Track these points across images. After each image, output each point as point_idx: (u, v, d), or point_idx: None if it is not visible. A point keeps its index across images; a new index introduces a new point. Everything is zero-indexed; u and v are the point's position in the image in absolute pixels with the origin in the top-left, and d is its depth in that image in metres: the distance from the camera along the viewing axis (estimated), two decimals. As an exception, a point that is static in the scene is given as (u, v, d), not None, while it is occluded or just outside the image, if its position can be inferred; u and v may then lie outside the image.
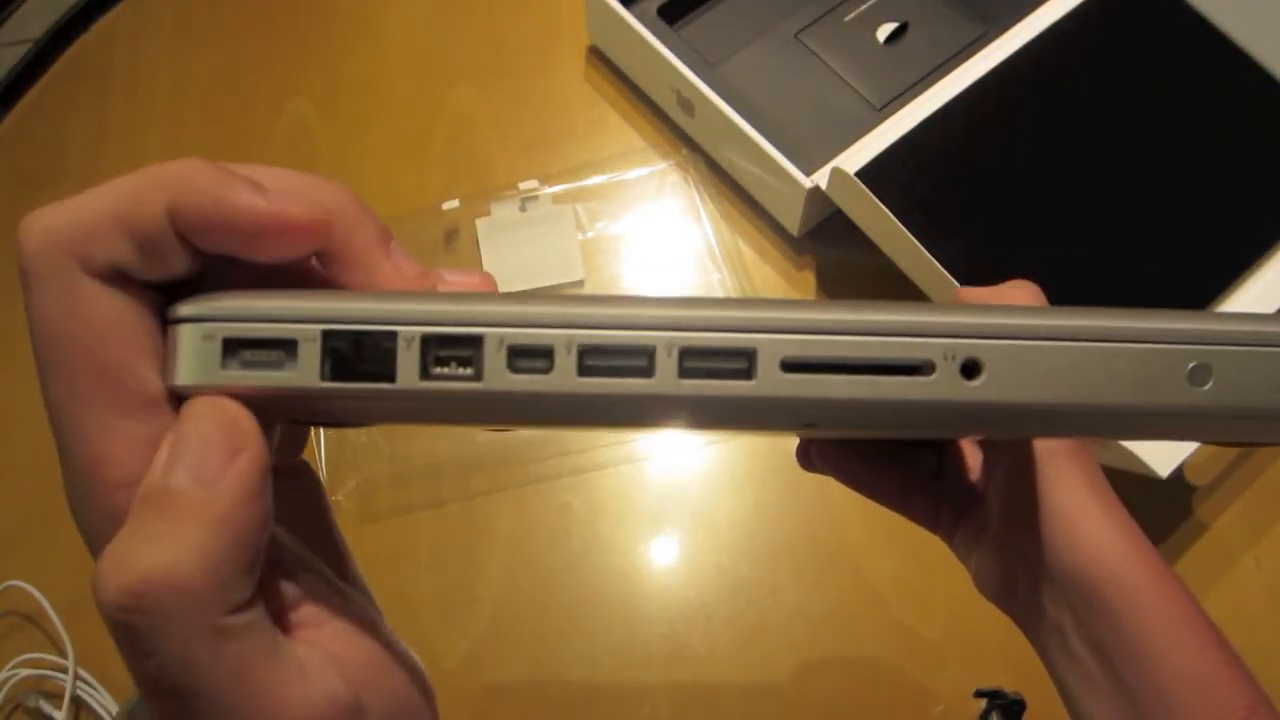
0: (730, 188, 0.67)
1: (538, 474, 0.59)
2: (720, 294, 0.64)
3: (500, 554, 0.58)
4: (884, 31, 0.66)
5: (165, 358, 0.18)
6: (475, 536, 0.59)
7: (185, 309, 0.18)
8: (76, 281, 0.17)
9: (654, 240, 0.66)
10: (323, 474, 0.59)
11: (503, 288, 0.70)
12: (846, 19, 0.67)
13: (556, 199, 0.67)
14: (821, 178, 0.59)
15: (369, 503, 0.59)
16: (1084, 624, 0.31)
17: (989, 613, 0.36)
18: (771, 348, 0.18)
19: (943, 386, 0.18)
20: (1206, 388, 0.18)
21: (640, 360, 0.18)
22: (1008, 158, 0.57)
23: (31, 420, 0.63)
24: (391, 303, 0.18)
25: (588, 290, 0.64)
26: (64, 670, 0.55)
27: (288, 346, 0.18)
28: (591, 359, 0.18)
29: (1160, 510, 0.58)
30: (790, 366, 0.18)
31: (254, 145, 0.71)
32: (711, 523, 0.58)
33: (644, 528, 0.58)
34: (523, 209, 0.66)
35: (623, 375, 0.18)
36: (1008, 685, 0.49)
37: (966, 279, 0.52)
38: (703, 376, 0.18)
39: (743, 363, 0.18)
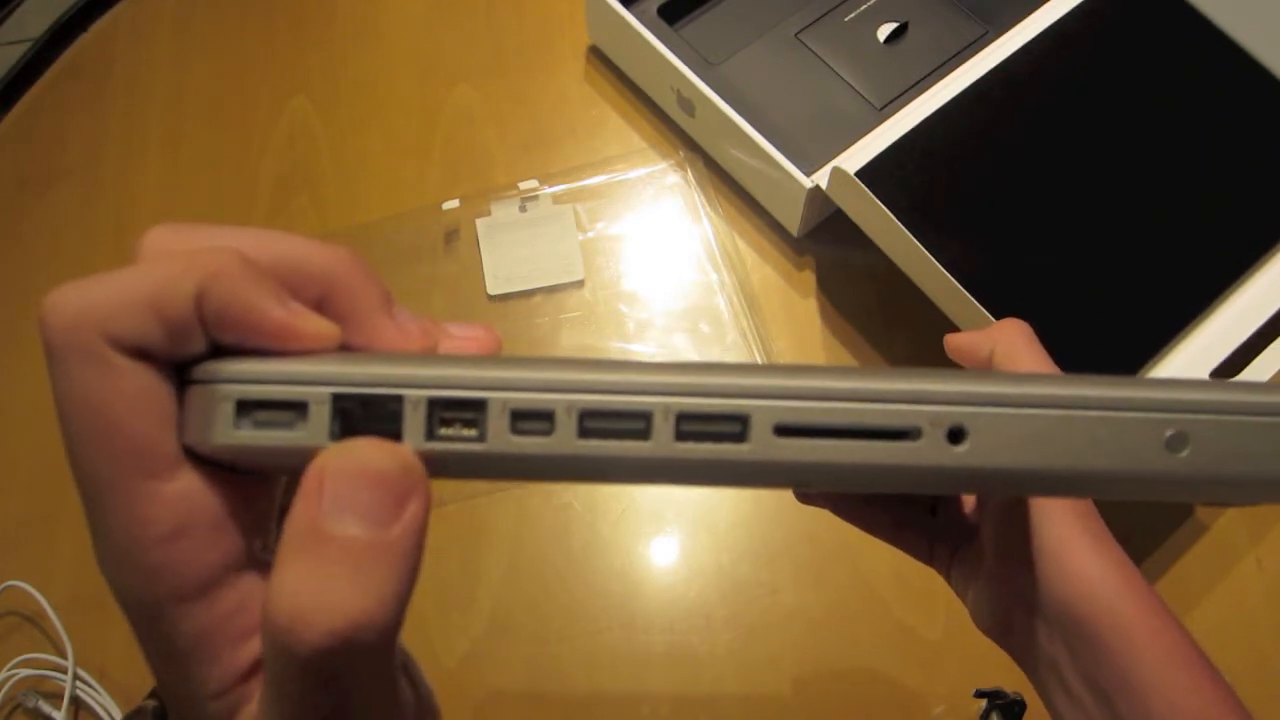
0: (730, 187, 0.67)
1: (538, 474, 0.59)
2: (719, 294, 0.64)
3: (500, 554, 0.58)
4: (884, 31, 0.66)
5: (182, 417, 0.18)
6: (475, 536, 0.59)
7: (201, 371, 0.18)
8: (107, 358, 0.17)
9: (654, 240, 0.66)
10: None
11: (503, 288, 0.70)
12: (846, 19, 0.67)
13: (556, 199, 0.67)
14: (821, 178, 0.59)
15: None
16: (1078, 659, 0.32)
17: (989, 613, 0.36)
18: (764, 413, 0.18)
19: (929, 452, 0.19)
20: (1183, 455, 0.19)
21: (638, 424, 0.18)
22: (1008, 158, 0.57)
23: (31, 422, 0.63)
24: (399, 367, 0.18)
25: (588, 289, 0.64)
26: (63, 670, 0.55)
27: (298, 408, 0.18)
28: (591, 422, 0.18)
29: (1160, 511, 0.58)
30: (783, 431, 0.18)
31: (254, 145, 0.71)
32: (711, 523, 0.58)
33: (644, 528, 0.58)
34: (523, 209, 0.66)
35: (621, 438, 0.18)
36: (1008, 685, 0.49)
37: (966, 279, 0.52)
38: (698, 440, 0.18)
39: (737, 427, 0.18)
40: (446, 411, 0.18)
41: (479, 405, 0.18)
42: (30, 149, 0.73)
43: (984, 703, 0.49)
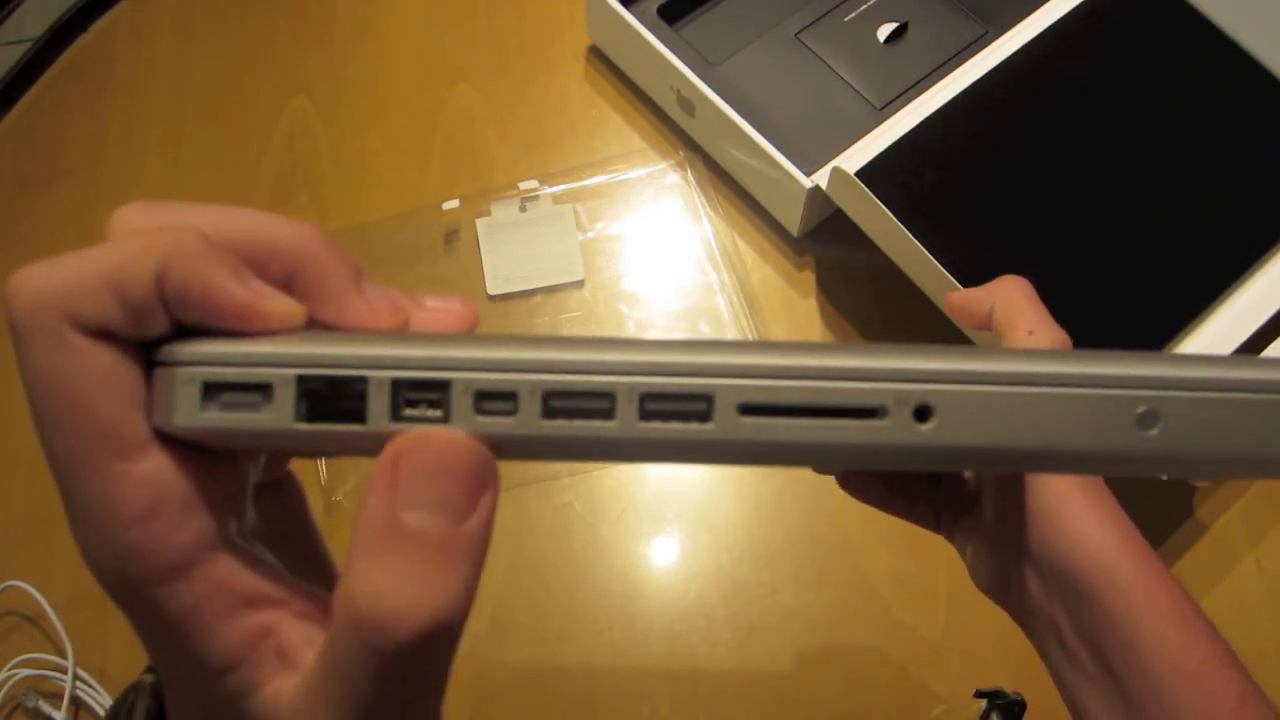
0: (730, 187, 0.67)
1: (538, 474, 0.59)
2: (719, 294, 0.64)
3: (500, 554, 0.58)
4: (884, 31, 0.66)
5: (150, 399, 0.18)
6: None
7: (167, 353, 0.18)
8: (67, 339, 0.17)
9: (654, 240, 0.66)
10: (322, 473, 0.59)
11: (503, 288, 0.70)
12: (846, 19, 0.67)
13: (556, 199, 0.67)
14: (821, 178, 0.59)
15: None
16: (1076, 618, 0.32)
17: (989, 613, 0.36)
18: (728, 393, 0.18)
19: (895, 430, 0.18)
20: (1154, 432, 0.18)
21: (602, 403, 0.18)
22: (1008, 157, 0.57)
23: (31, 422, 0.63)
24: (363, 347, 0.18)
25: (588, 289, 0.64)
26: (63, 670, 0.55)
27: (264, 390, 0.18)
28: (555, 402, 0.18)
29: (1161, 510, 0.58)
30: (747, 410, 0.18)
31: (254, 145, 0.71)
32: (711, 523, 0.58)
33: (644, 527, 0.58)
34: (523, 209, 0.66)
35: (585, 417, 0.18)
36: (1008, 685, 0.49)
37: (966, 279, 0.52)
38: (662, 419, 0.18)
39: (701, 406, 0.18)
40: (411, 392, 0.18)
41: (443, 386, 0.18)
42: (30, 149, 0.73)
43: (984, 703, 0.49)
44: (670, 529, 0.58)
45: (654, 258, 0.65)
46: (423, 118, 0.71)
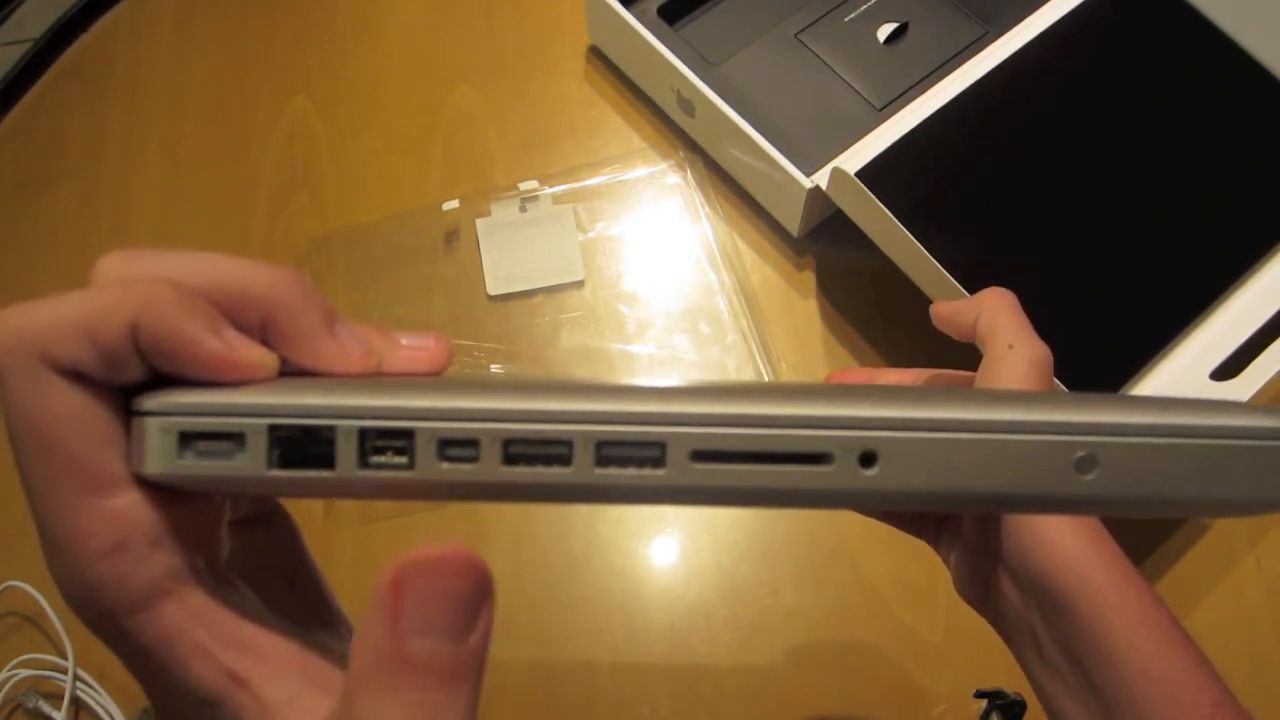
0: (730, 188, 0.67)
1: (538, 474, 0.59)
2: (719, 294, 0.64)
3: (501, 555, 0.58)
4: (884, 31, 0.66)
5: (129, 446, 0.19)
6: (475, 537, 0.59)
7: (145, 403, 0.19)
8: (42, 377, 0.18)
9: (654, 240, 0.66)
10: (322, 474, 0.59)
11: (503, 288, 0.70)
12: (846, 19, 0.67)
13: (556, 199, 0.67)
14: (821, 178, 0.59)
15: (369, 503, 0.59)
16: (1052, 626, 0.32)
17: (989, 613, 0.36)
18: (681, 440, 0.19)
19: (841, 476, 0.19)
20: (1091, 477, 0.19)
21: (560, 450, 0.19)
22: (1008, 158, 0.57)
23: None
24: (332, 397, 0.19)
25: (588, 290, 0.64)
26: (63, 671, 0.55)
27: (237, 439, 0.19)
28: (515, 449, 0.19)
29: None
30: (698, 456, 0.19)
31: (254, 145, 0.71)
32: (711, 523, 0.58)
33: (644, 528, 0.58)
34: (523, 209, 0.66)
35: (544, 464, 0.19)
36: (1008, 685, 0.49)
37: (966, 279, 0.52)
38: (618, 465, 0.19)
39: (655, 453, 0.19)
40: (377, 440, 0.19)
41: (408, 435, 0.19)
42: (30, 149, 0.73)
43: (984, 703, 0.49)
44: (670, 529, 0.58)
45: (654, 258, 0.65)
46: (423, 118, 0.71)
